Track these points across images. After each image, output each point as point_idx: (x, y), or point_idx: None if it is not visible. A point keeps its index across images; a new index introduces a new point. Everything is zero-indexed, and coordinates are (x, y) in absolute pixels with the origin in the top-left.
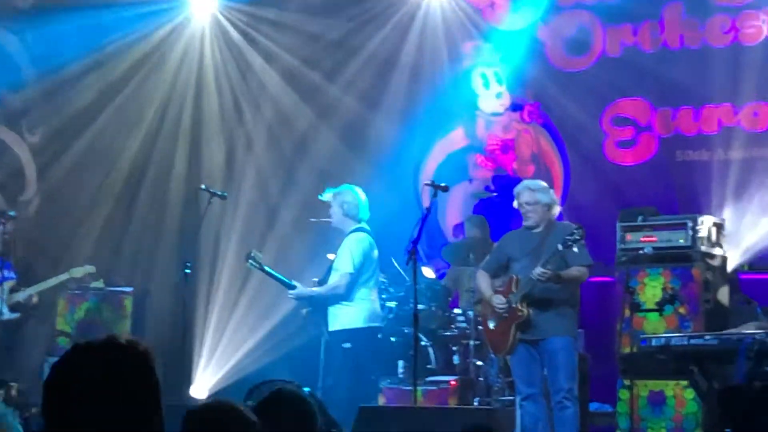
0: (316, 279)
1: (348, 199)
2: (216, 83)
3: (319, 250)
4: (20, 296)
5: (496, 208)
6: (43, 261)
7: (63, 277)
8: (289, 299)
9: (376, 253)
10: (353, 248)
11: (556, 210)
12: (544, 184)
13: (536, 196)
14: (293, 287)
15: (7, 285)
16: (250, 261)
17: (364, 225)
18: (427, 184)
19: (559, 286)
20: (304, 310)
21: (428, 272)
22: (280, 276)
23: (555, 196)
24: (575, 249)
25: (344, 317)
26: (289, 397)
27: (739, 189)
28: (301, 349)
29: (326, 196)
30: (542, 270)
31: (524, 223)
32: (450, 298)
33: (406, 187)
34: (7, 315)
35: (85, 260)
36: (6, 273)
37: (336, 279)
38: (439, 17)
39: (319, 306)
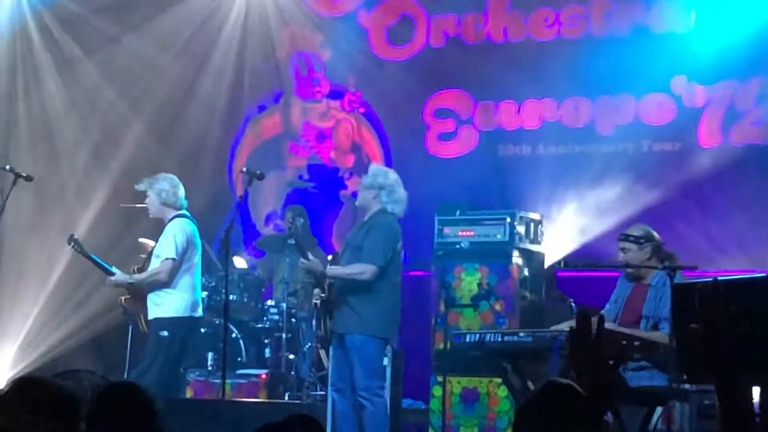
0: (136, 267)
1: (165, 187)
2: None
3: (127, 235)
4: None
5: (311, 197)
6: None
7: None
8: (106, 285)
9: (198, 240)
10: (177, 234)
11: (387, 199)
12: (378, 168)
13: (364, 179)
14: (113, 273)
15: None
16: (73, 244)
17: (185, 212)
18: (242, 172)
19: (349, 281)
20: (123, 297)
21: (240, 262)
22: (100, 261)
23: (390, 183)
24: (366, 244)
25: (165, 305)
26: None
27: (559, 185)
28: (109, 337)
29: (143, 185)
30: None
31: None
32: (263, 289)
33: (218, 174)
34: None
35: None
36: None
37: (158, 265)
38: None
39: (137, 293)
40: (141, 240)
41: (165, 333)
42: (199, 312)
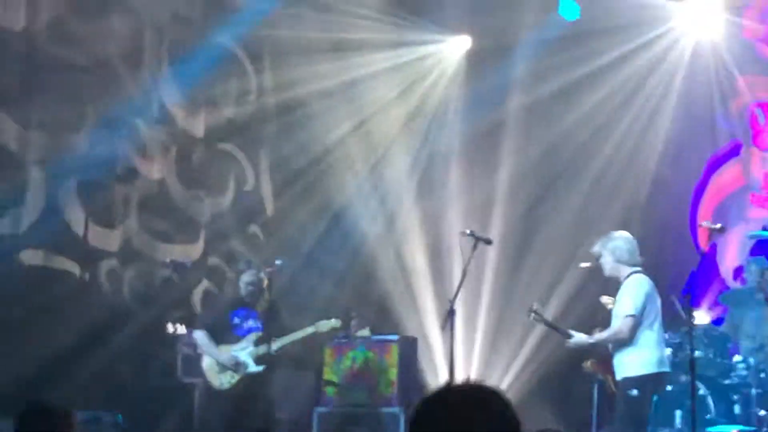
0: (598, 328)
1: (619, 244)
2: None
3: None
4: (273, 348)
5: None
6: (287, 310)
7: (309, 330)
8: (568, 348)
9: (656, 295)
10: (633, 291)
11: None
12: None
13: None
14: (571, 336)
15: (254, 336)
16: (533, 314)
17: (639, 268)
18: (700, 226)
19: None
20: (589, 362)
21: (703, 317)
22: (558, 327)
23: None
24: None
25: (633, 364)
26: None
27: None
28: (572, 394)
29: (597, 246)
30: None
31: None
32: (729, 345)
33: (676, 227)
34: (253, 368)
35: (330, 308)
36: (252, 323)
37: (618, 324)
38: (710, 50)
39: (601, 355)
40: (603, 298)
41: (635, 392)
42: (666, 367)
